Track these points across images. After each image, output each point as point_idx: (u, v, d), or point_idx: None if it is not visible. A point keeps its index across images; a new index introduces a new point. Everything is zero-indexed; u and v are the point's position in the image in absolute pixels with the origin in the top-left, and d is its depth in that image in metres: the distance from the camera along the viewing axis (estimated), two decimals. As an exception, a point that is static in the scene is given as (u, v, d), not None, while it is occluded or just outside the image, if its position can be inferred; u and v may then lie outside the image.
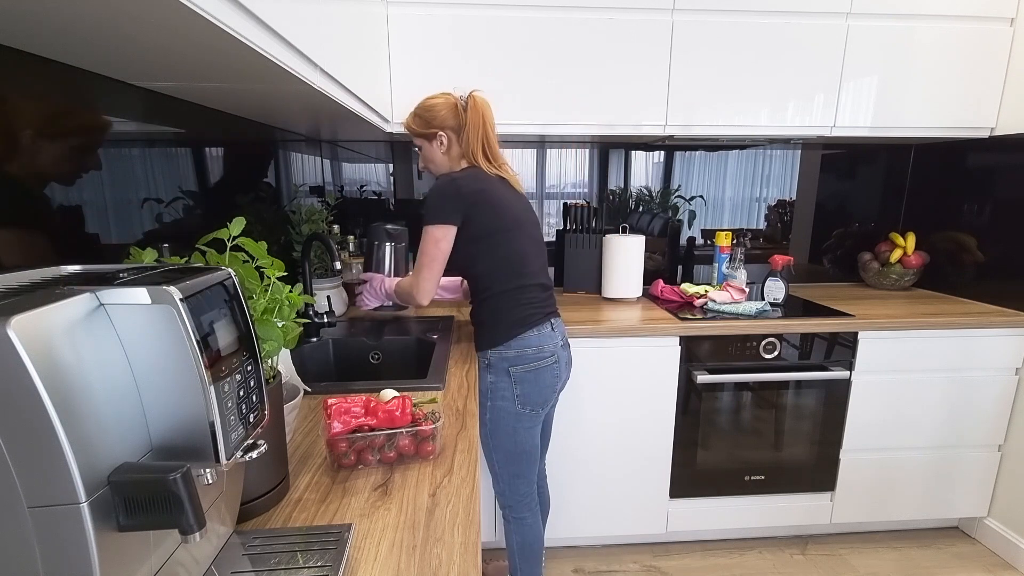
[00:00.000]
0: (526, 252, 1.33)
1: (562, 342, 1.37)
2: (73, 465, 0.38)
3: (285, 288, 0.81)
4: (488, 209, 1.27)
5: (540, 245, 1.40)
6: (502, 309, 1.31)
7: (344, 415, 0.86)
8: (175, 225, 1.11)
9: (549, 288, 1.39)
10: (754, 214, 2.28)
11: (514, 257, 1.31)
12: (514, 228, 1.31)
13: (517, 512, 1.43)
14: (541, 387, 1.32)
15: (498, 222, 1.29)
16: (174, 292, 0.45)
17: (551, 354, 1.32)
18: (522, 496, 1.42)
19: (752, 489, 1.84)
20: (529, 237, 1.35)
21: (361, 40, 1.30)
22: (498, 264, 1.31)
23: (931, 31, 1.75)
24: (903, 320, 1.73)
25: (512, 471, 1.39)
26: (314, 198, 2.00)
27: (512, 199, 1.34)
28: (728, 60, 1.72)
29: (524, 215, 1.36)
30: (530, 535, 1.44)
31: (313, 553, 0.64)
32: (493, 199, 1.28)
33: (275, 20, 0.70)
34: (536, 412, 1.34)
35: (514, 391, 1.31)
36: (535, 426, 1.36)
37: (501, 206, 1.29)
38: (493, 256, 1.30)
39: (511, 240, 1.31)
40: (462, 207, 1.26)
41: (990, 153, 1.91)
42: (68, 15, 0.57)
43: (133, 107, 0.97)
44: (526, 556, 1.45)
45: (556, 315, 1.39)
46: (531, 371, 1.30)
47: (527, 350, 1.29)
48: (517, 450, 1.36)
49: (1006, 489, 1.86)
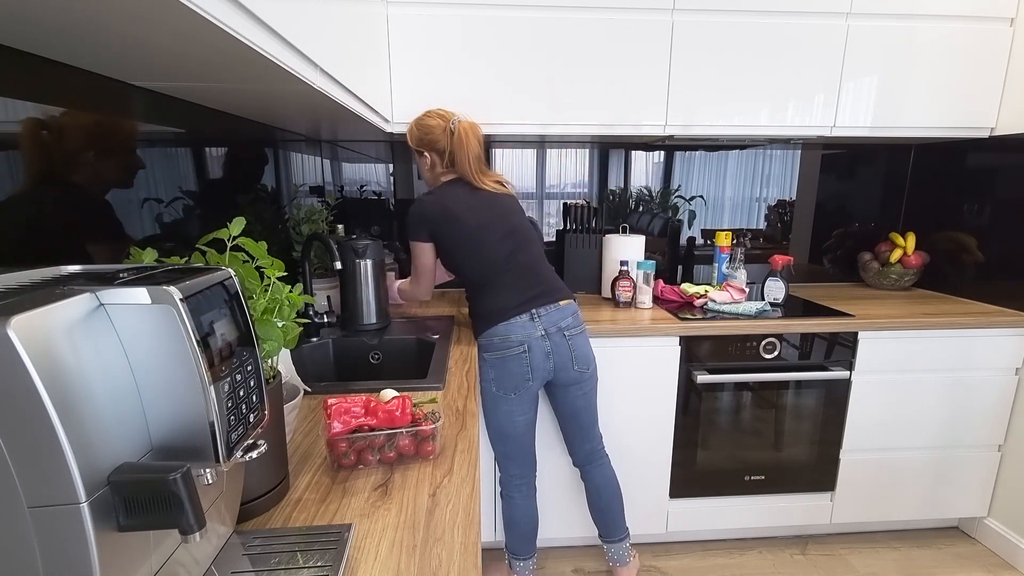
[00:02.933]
0: (495, 255, 1.44)
1: (542, 332, 1.41)
2: (73, 465, 0.38)
3: (285, 288, 0.81)
4: (451, 225, 1.43)
5: (518, 242, 1.47)
6: (476, 305, 1.48)
7: (344, 415, 0.86)
8: (175, 225, 1.11)
9: (532, 281, 1.45)
10: (754, 214, 2.28)
11: (484, 262, 1.44)
12: (479, 235, 1.43)
13: (507, 490, 1.57)
14: (510, 373, 1.42)
15: (461, 235, 1.43)
16: (174, 292, 0.45)
17: (519, 343, 1.40)
18: (511, 476, 1.55)
19: (752, 489, 1.84)
20: (499, 241, 1.44)
21: (361, 40, 1.30)
22: (470, 268, 1.46)
23: (931, 31, 1.75)
24: (903, 320, 1.73)
25: (501, 450, 1.53)
26: (314, 198, 2.00)
27: (478, 210, 1.44)
28: (728, 60, 1.72)
29: (491, 222, 1.45)
30: (517, 513, 1.57)
31: (313, 553, 0.64)
32: (454, 215, 1.42)
33: (275, 20, 0.70)
34: (510, 396, 1.44)
35: (490, 374, 1.44)
36: (515, 410, 1.46)
37: (463, 220, 1.42)
38: (465, 263, 1.46)
39: (478, 247, 1.44)
40: (427, 226, 1.44)
41: (990, 153, 1.91)
42: (68, 15, 0.57)
43: (133, 107, 0.97)
44: (513, 532, 1.60)
45: (542, 305, 1.43)
46: (499, 358, 1.42)
47: (493, 339, 1.42)
48: (501, 431, 1.49)
49: (1006, 489, 1.86)
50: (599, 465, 1.61)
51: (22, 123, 0.73)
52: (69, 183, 0.83)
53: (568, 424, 1.58)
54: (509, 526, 1.59)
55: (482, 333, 1.43)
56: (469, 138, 1.43)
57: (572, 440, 1.60)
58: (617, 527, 1.64)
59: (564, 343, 1.44)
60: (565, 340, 1.44)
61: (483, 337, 1.43)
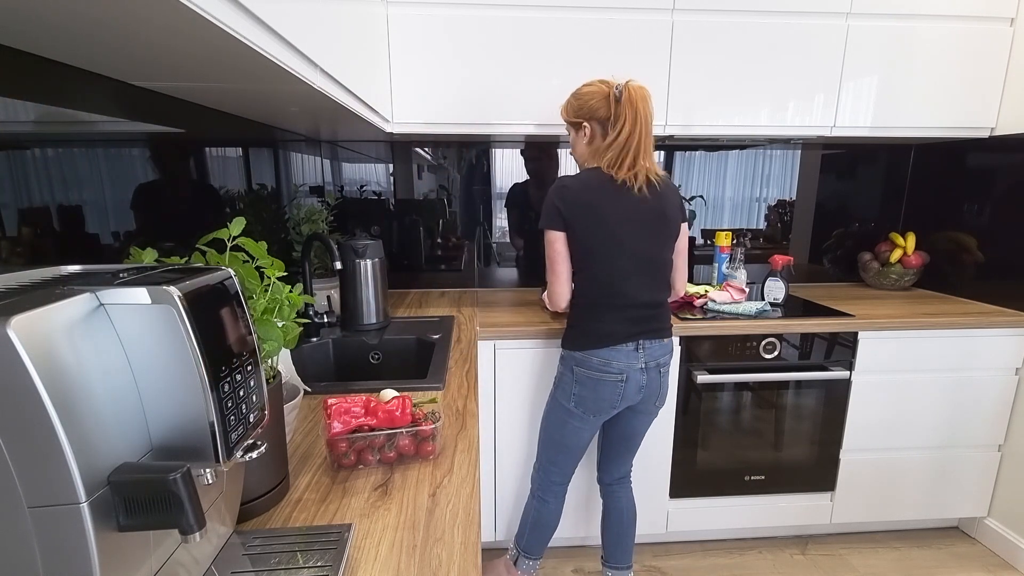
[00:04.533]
0: (620, 272, 1.31)
1: (643, 365, 1.34)
2: (73, 465, 0.38)
3: (285, 288, 0.81)
4: (586, 224, 1.29)
5: (650, 261, 1.33)
6: (583, 319, 1.37)
7: (344, 415, 0.86)
8: (175, 225, 1.11)
9: (651, 306, 1.35)
10: (754, 214, 2.28)
11: (603, 276, 1.32)
12: (611, 245, 1.29)
13: (542, 493, 1.53)
14: (598, 397, 1.35)
15: (593, 239, 1.29)
16: (174, 292, 0.45)
17: (619, 372, 1.32)
18: (552, 483, 1.52)
19: (752, 489, 1.84)
20: (631, 255, 1.30)
21: (361, 40, 1.30)
22: (588, 278, 1.34)
23: (931, 31, 1.75)
24: (903, 320, 1.73)
25: (550, 457, 1.49)
26: (314, 198, 2.00)
27: (623, 212, 1.28)
28: (728, 60, 1.72)
29: (632, 231, 1.29)
30: (548, 517, 1.54)
31: (313, 553, 0.64)
32: (595, 214, 1.28)
33: (275, 20, 0.70)
34: (586, 417, 1.38)
35: (572, 389, 1.37)
36: (584, 428, 1.41)
37: (602, 222, 1.28)
38: (586, 269, 1.34)
39: (605, 258, 1.30)
40: (563, 216, 1.29)
41: (990, 153, 1.91)
42: (69, 15, 0.57)
43: (133, 107, 0.97)
44: (536, 530, 1.55)
45: (650, 337, 1.34)
46: (592, 379, 1.34)
47: (592, 359, 1.33)
48: (561, 442, 1.45)
49: (1006, 489, 1.86)
50: (627, 488, 1.59)
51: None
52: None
53: (617, 444, 1.53)
54: (536, 527, 1.55)
55: (582, 350, 1.34)
56: (643, 106, 1.26)
57: (612, 458, 1.55)
58: (626, 555, 1.60)
59: (658, 379, 1.39)
60: (660, 377, 1.39)
61: (581, 353, 1.34)
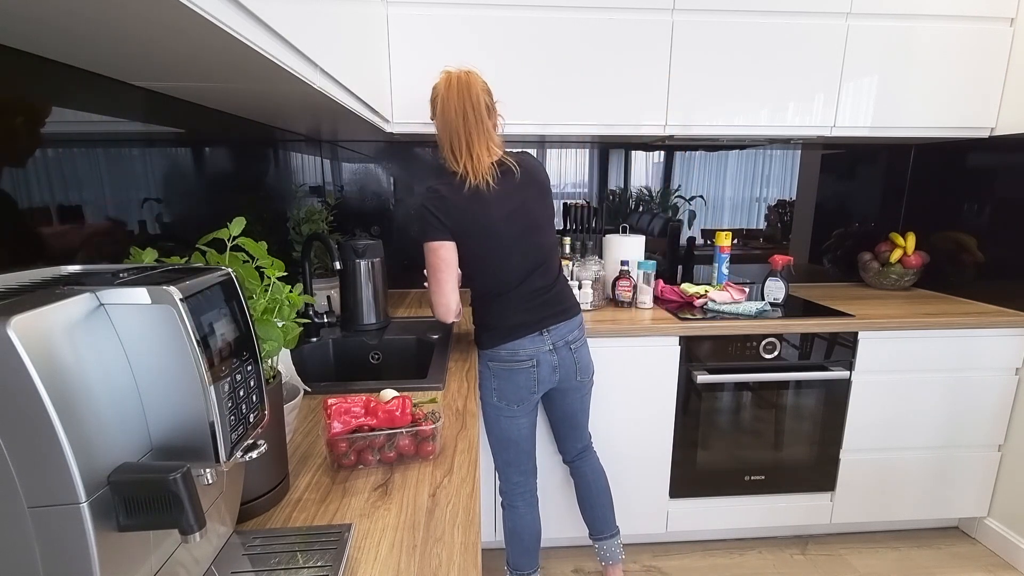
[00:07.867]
0: (501, 264, 1.31)
1: (550, 347, 1.36)
2: (73, 465, 0.38)
3: (285, 288, 0.81)
4: (471, 229, 1.28)
5: (530, 246, 1.32)
6: (481, 315, 1.40)
7: (344, 415, 0.86)
8: (175, 225, 1.11)
9: (542, 290, 1.36)
10: (754, 214, 2.28)
11: (488, 271, 1.33)
12: (485, 239, 1.29)
13: (509, 499, 1.51)
14: (516, 386, 1.38)
15: (466, 238, 1.29)
16: (174, 292, 0.45)
17: (528, 358, 1.36)
18: (514, 484, 1.49)
19: (752, 489, 1.84)
20: (507, 246, 1.30)
21: (361, 40, 1.30)
22: (482, 282, 1.36)
23: (931, 31, 1.75)
24: (903, 320, 1.73)
25: (503, 458, 1.48)
26: (314, 198, 2.00)
27: (488, 207, 1.27)
28: (728, 60, 1.72)
29: (502, 223, 1.28)
30: (520, 524, 1.51)
31: (313, 553, 0.64)
32: (466, 217, 1.27)
33: (275, 20, 0.70)
34: (511, 407, 1.40)
35: (492, 384, 1.39)
36: (517, 418, 1.42)
37: (472, 222, 1.27)
38: (477, 275, 1.35)
39: (483, 254, 1.31)
40: (446, 225, 1.27)
41: (990, 153, 1.91)
42: (68, 15, 0.57)
43: (133, 107, 0.97)
44: (514, 543, 1.52)
45: (552, 319, 1.36)
46: (505, 369, 1.37)
47: (500, 351, 1.36)
48: (503, 438, 1.45)
49: (1006, 489, 1.86)
50: (588, 457, 1.60)
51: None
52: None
53: (561, 425, 1.56)
54: (512, 538, 1.51)
55: (490, 347, 1.37)
56: (466, 92, 1.23)
57: (565, 439, 1.59)
58: (607, 522, 1.62)
59: (570, 356, 1.40)
60: (571, 353, 1.40)
61: (489, 349, 1.37)
